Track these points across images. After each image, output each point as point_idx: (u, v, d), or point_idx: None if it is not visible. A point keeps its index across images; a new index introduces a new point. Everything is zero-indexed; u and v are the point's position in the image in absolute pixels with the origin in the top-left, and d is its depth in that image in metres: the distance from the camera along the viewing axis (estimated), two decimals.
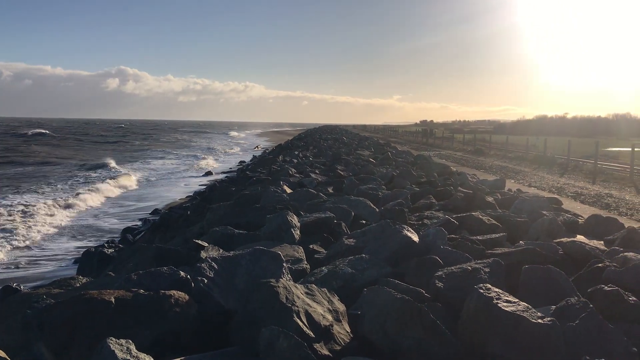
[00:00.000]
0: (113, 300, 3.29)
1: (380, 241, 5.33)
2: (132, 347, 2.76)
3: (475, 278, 4.03)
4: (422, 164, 17.94)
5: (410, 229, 5.66)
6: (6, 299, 5.24)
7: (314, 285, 3.78)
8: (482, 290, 3.31)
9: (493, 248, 5.45)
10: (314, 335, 3.17)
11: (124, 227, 14.08)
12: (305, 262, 5.11)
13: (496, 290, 3.36)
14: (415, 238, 5.35)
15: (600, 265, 4.54)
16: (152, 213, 16.57)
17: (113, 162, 34.66)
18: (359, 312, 3.55)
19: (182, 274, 3.88)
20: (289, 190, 10.25)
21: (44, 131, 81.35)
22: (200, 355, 3.12)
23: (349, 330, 3.46)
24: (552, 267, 4.21)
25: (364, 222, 7.33)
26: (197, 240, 5.83)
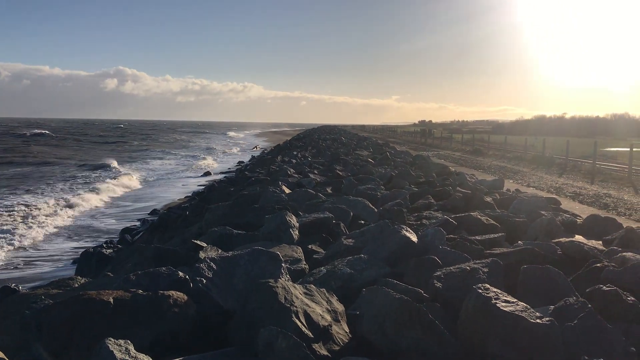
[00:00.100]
0: (112, 300, 3.29)
1: (379, 241, 5.33)
2: (131, 348, 2.76)
3: (474, 278, 4.03)
4: (420, 164, 17.95)
5: (409, 229, 5.66)
6: (4, 299, 5.23)
7: (312, 285, 3.78)
8: (480, 290, 3.31)
9: (492, 248, 5.45)
10: (312, 336, 3.17)
11: (122, 227, 14.08)
12: (304, 262, 5.10)
13: (495, 290, 3.36)
14: (414, 238, 5.35)
15: (598, 265, 4.54)
16: (150, 213, 16.57)
17: (115, 162, 34.61)
18: (358, 313, 3.54)
19: (181, 274, 3.88)
20: (287, 191, 10.25)
21: (44, 131, 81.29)
22: (199, 356, 3.12)
23: (347, 331, 3.46)
24: (550, 267, 4.21)
25: (363, 222, 7.33)
26: (196, 241, 5.82)
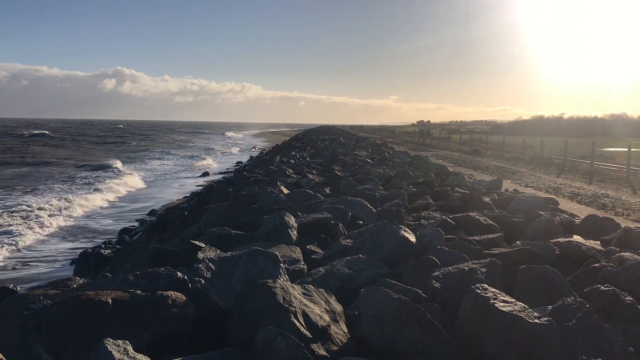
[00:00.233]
0: (110, 301, 3.28)
1: (377, 241, 5.34)
2: (130, 348, 2.76)
3: (472, 278, 4.04)
4: (419, 165, 17.95)
5: (408, 229, 5.67)
6: (3, 300, 5.21)
7: (311, 285, 3.77)
8: (479, 290, 3.31)
9: (490, 248, 5.46)
10: (311, 336, 3.18)
11: (121, 228, 14.06)
12: (303, 263, 5.10)
13: (493, 290, 3.37)
14: (413, 238, 5.35)
15: (596, 265, 4.55)
16: (149, 214, 16.57)
17: (119, 162, 34.46)
18: (356, 313, 3.54)
19: (180, 274, 3.87)
20: (286, 191, 10.25)
21: (43, 132, 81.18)
22: (197, 356, 3.12)
23: (346, 331, 3.46)
24: (548, 267, 4.22)
25: (361, 222, 7.33)
26: (194, 241, 5.82)
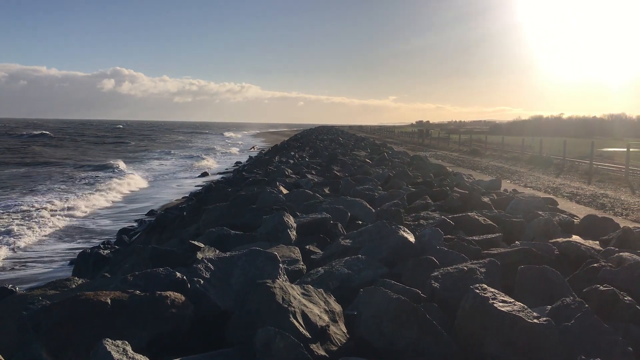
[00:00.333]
0: (109, 301, 3.28)
1: (376, 242, 5.34)
2: (129, 348, 2.75)
3: (471, 278, 4.04)
4: (418, 165, 17.96)
5: (407, 229, 5.67)
6: (1, 300, 5.21)
7: (310, 286, 3.78)
8: (478, 291, 3.31)
9: (489, 248, 5.46)
10: (310, 336, 3.18)
11: (119, 228, 14.04)
12: (302, 263, 5.10)
13: (492, 290, 3.37)
14: (412, 238, 5.35)
15: (595, 265, 4.55)
16: (148, 214, 16.55)
17: (121, 162, 34.28)
18: (356, 313, 3.54)
19: (178, 275, 3.87)
20: (285, 191, 10.25)
21: (43, 132, 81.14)
22: (196, 356, 3.11)
23: (345, 331, 3.46)
24: (547, 267, 4.22)
25: (360, 222, 7.34)
26: (193, 241, 5.82)
